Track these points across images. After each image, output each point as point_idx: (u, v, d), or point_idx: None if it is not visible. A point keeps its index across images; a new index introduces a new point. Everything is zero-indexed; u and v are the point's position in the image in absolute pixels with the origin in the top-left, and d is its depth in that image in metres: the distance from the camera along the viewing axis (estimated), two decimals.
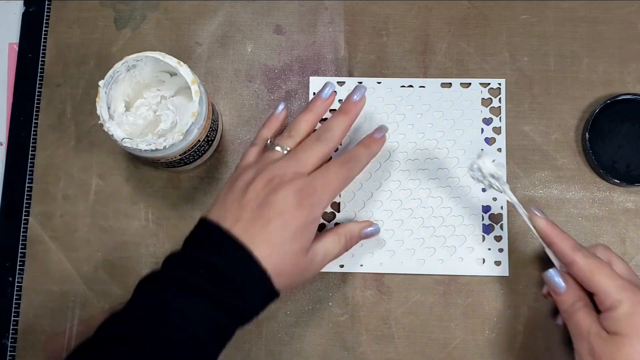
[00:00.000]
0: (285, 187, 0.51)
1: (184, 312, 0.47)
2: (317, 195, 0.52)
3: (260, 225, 0.50)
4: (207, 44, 0.65)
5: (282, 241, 0.50)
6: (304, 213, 0.51)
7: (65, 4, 0.66)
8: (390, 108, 0.63)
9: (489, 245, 0.60)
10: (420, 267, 0.60)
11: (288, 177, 0.52)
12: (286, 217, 0.50)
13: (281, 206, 0.50)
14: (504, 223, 0.60)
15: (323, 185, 0.52)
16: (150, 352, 0.46)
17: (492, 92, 0.63)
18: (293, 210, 0.50)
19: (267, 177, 0.52)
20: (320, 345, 0.59)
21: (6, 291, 0.61)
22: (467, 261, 0.60)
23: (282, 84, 0.64)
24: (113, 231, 0.62)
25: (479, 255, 0.60)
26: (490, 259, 0.60)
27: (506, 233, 0.60)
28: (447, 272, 0.60)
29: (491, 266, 0.60)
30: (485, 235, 0.60)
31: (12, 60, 0.66)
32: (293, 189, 0.51)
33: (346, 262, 0.60)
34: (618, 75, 0.63)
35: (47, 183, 0.63)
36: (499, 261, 0.60)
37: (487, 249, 0.60)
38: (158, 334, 0.46)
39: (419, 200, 0.61)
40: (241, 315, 0.49)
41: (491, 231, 0.60)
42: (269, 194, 0.51)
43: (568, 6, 0.64)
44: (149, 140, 0.53)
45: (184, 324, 0.47)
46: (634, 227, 0.60)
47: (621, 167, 0.61)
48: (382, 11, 0.65)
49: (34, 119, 0.64)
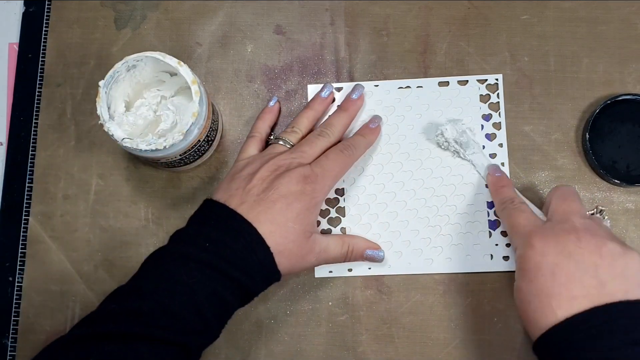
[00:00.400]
0: (289, 174, 0.53)
1: (189, 284, 0.48)
2: (319, 181, 0.54)
3: (264, 206, 0.52)
4: (207, 44, 0.65)
5: (285, 221, 0.52)
6: (306, 197, 0.53)
7: (65, 4, 0.66)
8: (389, 110, 0.63)
9: (496, 240, 0.60)
10: (429, 266, 0.60)
11: (292, 167, 0.54)
12: (290, 200, 0.52)
13: (285, 190, 0.53)
14: None
15: (323, 172, 0.55)
16: (157, 323, 0.47)
17: (490, 88, 0.63)
18: (296, 194, 0.53)
19: (272, 167, 0.54)
20: (320, 345, 0.59)
21: (6, 291, 0.61)
22: (475, 258, 0.60)
23: (282, 84, 0.64)
24: (113, 231, 0.62)
25: (486, 252, 0.60)
26: (498, 255, 0.60)
27: None
28: (455, 270, 0.60)
29: (499, 261, 0.60)
30: (492, 231, 0.60)
31: (12, 60, 0.66)
32: (296, 175, 0.53)
33: (354, 265, 0.60)
34: (618, 75, 0.63)
35: (47, 183, 0.63)
36: (507, 256, 0.60)
37: (495, 244, 0.60)
38: (164, 306, 0.47)
39: (423, 200, 0.61)
40: (244, 291, 0.51)
41: (497, 227, 0.60)
42: (274, 180, 0.53)
43: (568, 6, 0.64)
44: (149, 141, 0.53)
45: (190, 297, 0.48)
46: (634, 227, 0.60)
47: (621, 168, 0.61)
48: (382, 11, 0.65)
49: (34, 119, 0.64)
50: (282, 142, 0.58)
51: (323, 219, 0.61)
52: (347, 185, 0.62)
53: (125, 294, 0.49)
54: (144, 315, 0.47)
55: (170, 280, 0.48)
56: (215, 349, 0.59)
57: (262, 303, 0.60)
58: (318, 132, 0.58)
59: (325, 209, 0.62)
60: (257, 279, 0.51)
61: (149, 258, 0.51)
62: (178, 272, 0.48)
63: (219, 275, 0.49)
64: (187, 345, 0.47)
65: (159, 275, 0.49)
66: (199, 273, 0.48)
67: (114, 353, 0.46)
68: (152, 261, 0.51)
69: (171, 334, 0.47)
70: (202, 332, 0.49)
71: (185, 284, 0.48)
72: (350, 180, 0.62)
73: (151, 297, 0.48)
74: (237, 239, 0.50)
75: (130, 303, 0.48)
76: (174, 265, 0.49)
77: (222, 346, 0.59)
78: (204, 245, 0.49)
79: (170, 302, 0.47)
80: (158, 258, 0.50)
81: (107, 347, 0.46)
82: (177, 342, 0.47)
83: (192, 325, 0.48)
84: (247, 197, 0.52)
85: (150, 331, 0.46)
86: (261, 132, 0.60)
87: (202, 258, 0.49)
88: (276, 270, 0.52)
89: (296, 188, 0.53)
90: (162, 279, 0.49)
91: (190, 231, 0.51)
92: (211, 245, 0.49)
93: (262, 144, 0.60)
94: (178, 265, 0.49)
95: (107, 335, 0.46)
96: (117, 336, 0.46)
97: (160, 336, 0.46)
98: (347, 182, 0.62)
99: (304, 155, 0.56)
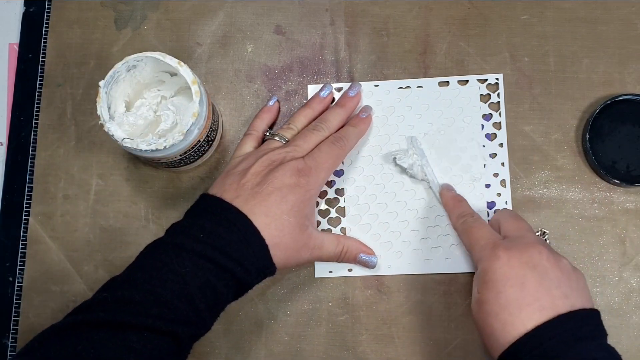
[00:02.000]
0: (283, 167, 0.54)
1: (182, 274, 0.48)
2: (313, 173, 0.55)
3: (259, 199, 0.52)
4: (207, 44, 0.65)
5: (280, 213, 0.52)
6: (300, 189, 0.53)
7: (65, 4, 0.66)
8: (389, 110, 0.63)
9: None
10: (429, 266, 0.60)
11: (286, 160, 0.55)
12: (284, 192, 0.53)
13: (279, 183, 0.53)
14: None
15: (317, 165, 0.55)
16: (148, 312, 0.47)
17: (490, 87, 0.63)
18: (290, 187, 0.53)
19: (266, 162, 0.54)
20: (320, 345, 0.59)
21: (6, 291, 0.61)
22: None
23: (282, 84, 0.64)
24: (113, 231, 0.62)
25: None
26: None
27: None
28: (455, 270, 0.60)
29: None
30: None
31: (12, 60, 0.66)
32: (290, 168, 0.54)
33: (354, 265, 0.60)
34: (618, 76, 0.63)
35: (47, 183, 0.63)
36: None
37: None
38: (155, 295, 0.47)
39: (422, 200, 0.61)
40: (238, 283, 0.50)
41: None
42: (267, 173, 0.53)
43: (568, 6, 0.64)
44: (150, 141, 0.53)
45: (182, 286, 0.48)
46: (634, 228, 0.60)
47: (621, 168, 0.61)
48: (382, 11, 0.65)
49: (34, 119, 0.64)
50: (278, 138, 0.58)
51: (323, 219, 0.61)
52: (347, 185, 0.62)
53: (119, 283, 0.49)
54: (136, 304, 0.47)
55: (163, 270, 0.48)
56: (215, 349, 0.59)
57: (262, 303, 0.60)
58: (313, 126, 0.58)
59: (325, 209, 0.62)
60: (252, 271, 0.51)
61: (144, 249, 0.51)
62: (171, 262, 0.48)
63: (212, 266, 0.49)
64: (178, 335, 0.47)
65: (152, 265, 0.49)
66: (192, 263, 0.48)
67: (103, 341, 0.45)
68: (147, 252, 0.51)
69: (162, 323, 0.46)
70: (194, 322, 0.48)
71: (177, 274, 0.48)
72: (350, 180, 0.62)
73: (143, 287, 0.47)
74: (232, 230, 0.50)
75: (123, 292, 0.47)
76: (167, 256, 0.49)
77: (222, 346, 0.59)
78: (198, 236, 0.49)
79: (162, 291, 0.47)
80: (152, 249, 0.51)
81: (97, 335, 0.45)
82: (167, 332, 0.47)
83: (184, 315, 0.47)
84: (241, 191, 0.52)
85: (141, 320, 0.46)
86: (258, 130, 0.60)
87: (195, 248, 0.49)
88: (271, 263, 0.52)
89: (290, 181, 0.53)
90: (154, 269, 0.48)
91: (185, 223, 0.51)
92: (205, 236, 0.49)
93: (259, 141, 0.60)
94: (171, 255, 0.49)
95: (98, 323, 0.46)
96: (108, 324, 0.46)
97: (151, 325, 0.46)
98: (347, 182, 0.62)
99: (297, 149, 0.56)
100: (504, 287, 0.49)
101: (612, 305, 0.59)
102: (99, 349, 0.45)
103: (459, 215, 0.58)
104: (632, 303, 0.59)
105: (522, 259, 0.50)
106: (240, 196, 0.52)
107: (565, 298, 0.48)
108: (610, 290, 0.60)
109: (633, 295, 0.59)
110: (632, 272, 0.60)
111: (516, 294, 0.49)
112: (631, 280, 0.60)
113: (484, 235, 0.54)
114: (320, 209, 0.61)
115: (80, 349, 0.45)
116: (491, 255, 0.51)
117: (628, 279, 0.60)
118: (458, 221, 0.58)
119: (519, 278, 0.49)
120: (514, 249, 0.51)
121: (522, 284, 0.49)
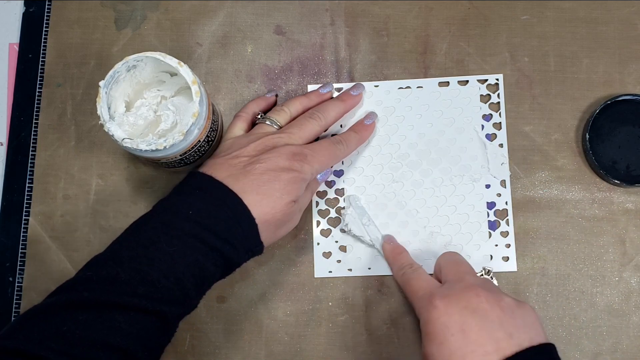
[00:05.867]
0: (278, 150, 0.53)
1: (169, 252, 0.47)
2: (308, 160, 0.54)
3: (251, 178, 0.51)
4: (207, 44, 0.65)
5: (272, 191, 0.51)
6: (294, 172, 0.53)
7: (65, 4, 0.66)
8: (389, 110, 0.63)
9: (496, 241, 0.60)
10: (428, 266, 0.60)
11: (280, 145, 0.54)
12: (277, 172, 0.52)
13: (272, 164, 0.52)
14: (510, 218, 0.61)
15: (312, 154, 0.55)
16: (134, 291, 0.46)
17: (490, 88, 0.63)
18: (284, 168, 0.52)
19: (259, 146, 0.54)
20: (320, 345, 0.59)
21: (6, 291, 0.61)
22: (475, 259, 0.60)
23: (282, 85, 0.64)
24: (113, 231, 0.62)
25: (486, 252, 0.60)
26: (497, 255, 0.60)
27: (512, 228, 0.60)
28: None
29: (499, 262, 0.60)
30: (492, 232, 0.60)
31: (12, 60, 0.66)
32: (285, 151, 0.53)
33: (354, 266, 0.60)
34: (618, 76, 0.63)
35: (47, 183, 0.63)
36: (507, 257, 0.60)
37: (494, 245, 0.60)
38: (142, 274, 0.46)
39: (422, 200, 0.61)
40: (226, 261, 0.50)
41: (497, 227, 0.61)
42: (261, 154, 0.53)
43: (568, 6, 0.64)
44: (150, 141, 0.53)
45: (170, 265, 0.47)
46: (634, 228, 0.60)
47: (621, 168, 0.61)
48: (382, 12, 0.65)
49: (34, 119, 0.64)
50: (269, 122, 0.57)
51: (323, 219, 0.61)
52: (347, 186, 0.62)
53: (102, 261, 0.48)
54: (121, 283, 0.46)
55: (150, 249, 0.47)
56: (215, 349, 0.59)
57: (262, 303, 0.60)
58: (309, 114, 0.58)
59: (325, 209, 0.62)
60: (240, 250, 0.50)
61: (130, 226, 0.50)
62: (159, 241, 0.47)
63: (201, 245, 0.48)
64: (164, 315, 0.47)
65: (138, 242, 0.48)
66: (181, 242, 0.48)
67: (89, 321, 0.45)
68: (133, 229, 0.49)
69: (149, 302, 0.46)
70: (181, 302, 0.48)
71: (165, 253, 0.47)
72: (350, 180, 0.62)
73: (129, 265, 0.46)
74: (222, 209, 0.50)
75: (108, 270, 0.46)
76: (154, 234, 0.48)
77: (222, 346, 0.59)
78: (187, 215, 0.49)
79: (149, 270, 0.46)
80: (139, 226, 0.49)
81: (82, 316, 0.45)
82: (154, 311, 0.46)
83: (171, 294, 0.47)
84: (233, 170, 0.52)
85: (127, 299, 0.45)
86: (249, 113, 0.59)
87: (184, 227, 0.48)
88: (259, 242, 0.51)
89: (284, 164, 0.53)
90: (141, 246, 0.47)
91: (174, 200, 0.51)
92: (195, 214, 0.49)
93: (249, 124, 0.59)
94: (159, 233, 0.48)
95: (83, 304, 0.45)
96: (93, 304, 0.45)
97: (137, 305, 0.45)
98: (347, 182, 0.62)
99: (292, 137, 0.55)
100: (445, 338, 0.47)
101: (612, 305, 0.59)
102: (84, 329, 0.44)
103: (399, 267, 0.57)
104: (632, 303, 0.59)
105: (460, 305, 0.48)
106: (232, 175, 0.52)
107: (509, 338, 0.46)
108: (610, 290, 0.60)
109: (633, 295, 0.59)
110: (632, 272, 0.60)
111: (458, 343, 0.47)
112: (631, 280, 0.60)
113: (421, 286, 0.53)
114: (320, 209, 0.61)
115: (65, 329, 0.44)
116: (429, 305, 0.49)
117: (628, 279, 0.60)
118: (398, 273, 0.57)
119: (458, 325, 0.47)
120: (452, 296, 0.49)
121: (463, 331, 0.47)
